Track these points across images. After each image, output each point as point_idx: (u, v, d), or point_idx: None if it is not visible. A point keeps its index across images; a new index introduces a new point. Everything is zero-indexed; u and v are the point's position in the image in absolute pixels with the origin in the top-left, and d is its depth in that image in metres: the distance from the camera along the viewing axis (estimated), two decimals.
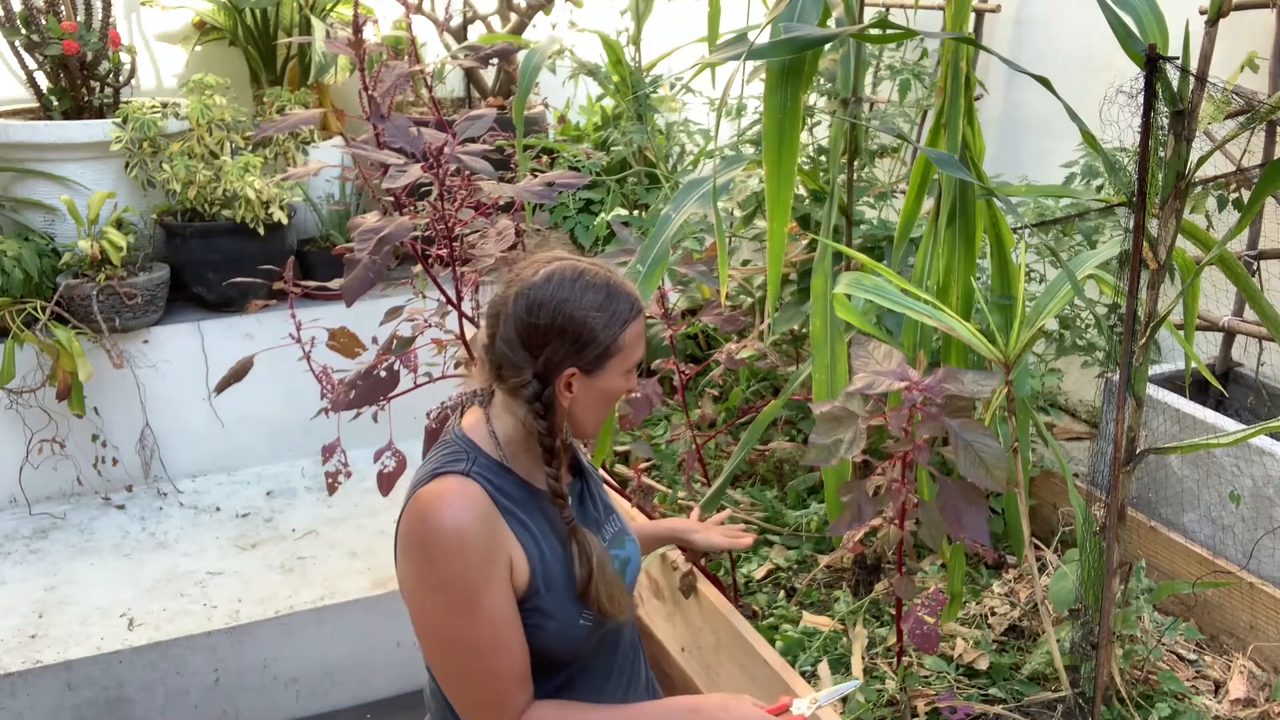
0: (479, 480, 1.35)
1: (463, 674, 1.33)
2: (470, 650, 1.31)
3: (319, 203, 3.88)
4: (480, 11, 4.16)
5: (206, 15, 3.93)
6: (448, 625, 1.31)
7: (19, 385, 3.29)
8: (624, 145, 3.58)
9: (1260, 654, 2.16)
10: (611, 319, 1.36)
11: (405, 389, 2.15)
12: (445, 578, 1.30)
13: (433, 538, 1.30)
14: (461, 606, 1.30)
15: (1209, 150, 1.63)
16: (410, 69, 2.12)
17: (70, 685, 2.66)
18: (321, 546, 3.17)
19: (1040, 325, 1.81)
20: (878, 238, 2.81)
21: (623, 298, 1.38)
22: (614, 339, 1.36)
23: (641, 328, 1.41)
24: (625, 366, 1.39)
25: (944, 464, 2.31)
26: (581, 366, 1.36)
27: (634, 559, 1.54)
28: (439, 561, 1.30)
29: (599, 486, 1.57)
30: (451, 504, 1.32)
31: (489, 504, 1.34)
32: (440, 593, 1.31)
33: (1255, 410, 2.47)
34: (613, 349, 1.37)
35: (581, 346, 1.35)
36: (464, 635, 1.31)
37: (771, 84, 1.93)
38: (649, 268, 2.15)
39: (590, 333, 1.35)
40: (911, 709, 1.99)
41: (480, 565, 1.30)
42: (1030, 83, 1.83)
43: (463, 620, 1.30)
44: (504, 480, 1.38)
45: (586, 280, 1.36)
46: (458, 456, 1.38)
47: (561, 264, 1.38)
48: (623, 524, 1.56)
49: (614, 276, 1.40)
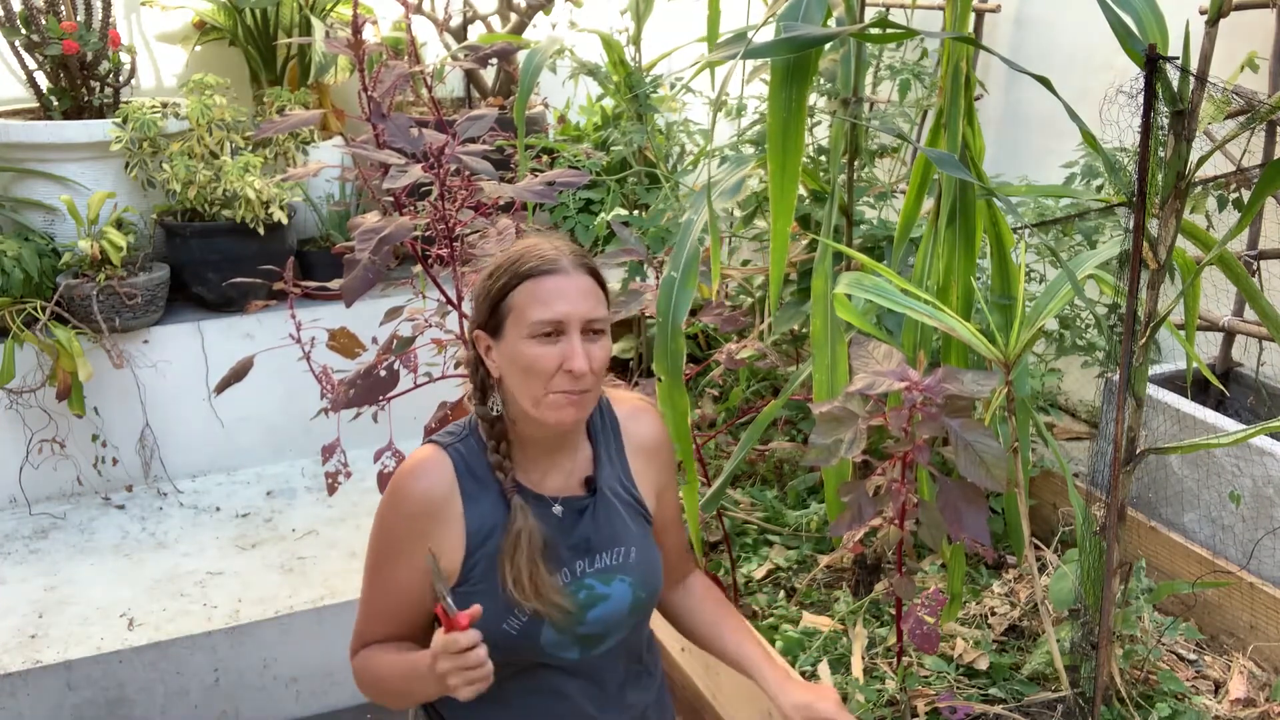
0: (454, 456, 1.40)
1: (361, 601, 1.47)
2: (368, 582, 1.45)
3: (319, 203, 3.88)
4: (480, 11, 4.16)
5: (206, 15, 3.93)
6: (368, 559, 1.45)
7: (19, 385, 3.29)
8: (624, 145, 3.58)
9: (1260, 654, 2.16)
10: (499, 275, 1.36)
11: (405, 389, 2.15)
12: (382, 525, 1.43)
13: (390, 492, 1.42)
14: (377, 551, 1.43)
15: (1209, 150, 1.63)
16: (410, 69, 2.12)
17: (70, 685, 2.66)
18: (321, 546, 3.17)
19: (1040, 325, 1.81)
20: (878, 238, 2.81)
21: (531, 257, 1.35)
22: (501, 295, 1.35)
23: (546, 291, 1.33)
24: (523, 329, 1.33)
25: (944, 464, 2.31)
26: (483, 328, 1.38)
27: (615, 599, 1.43)
28: (386, 511, 1.42)
29: (617, 516, 1.46)
30: (418, 471, 1.40)
31: (451, 482, 1.39)
32: (374, 533, 1.44)
33: (1255, 410, 2.47)
34: (502, 309, 1.35)
35: (478, 306, 1.39)
36: (369, 570, 1.45)
37: (776, 83, 1.92)
38: (683, 273, 2.14)
39: (483, 290, 1.38)
40: (911, 709, 1.99)
41: (407, 535, 1.39)
42: (1030, 83, 1.83)
43: (372, 559, 1.44)
44: (481, 464, 1.41)
45: (509, 248, 1.40)
46: (454, 431, 1.45)
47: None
48: (628, 564, 1.45)
49: (535, 241, 1.39)
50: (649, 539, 1.50)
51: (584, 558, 1.43)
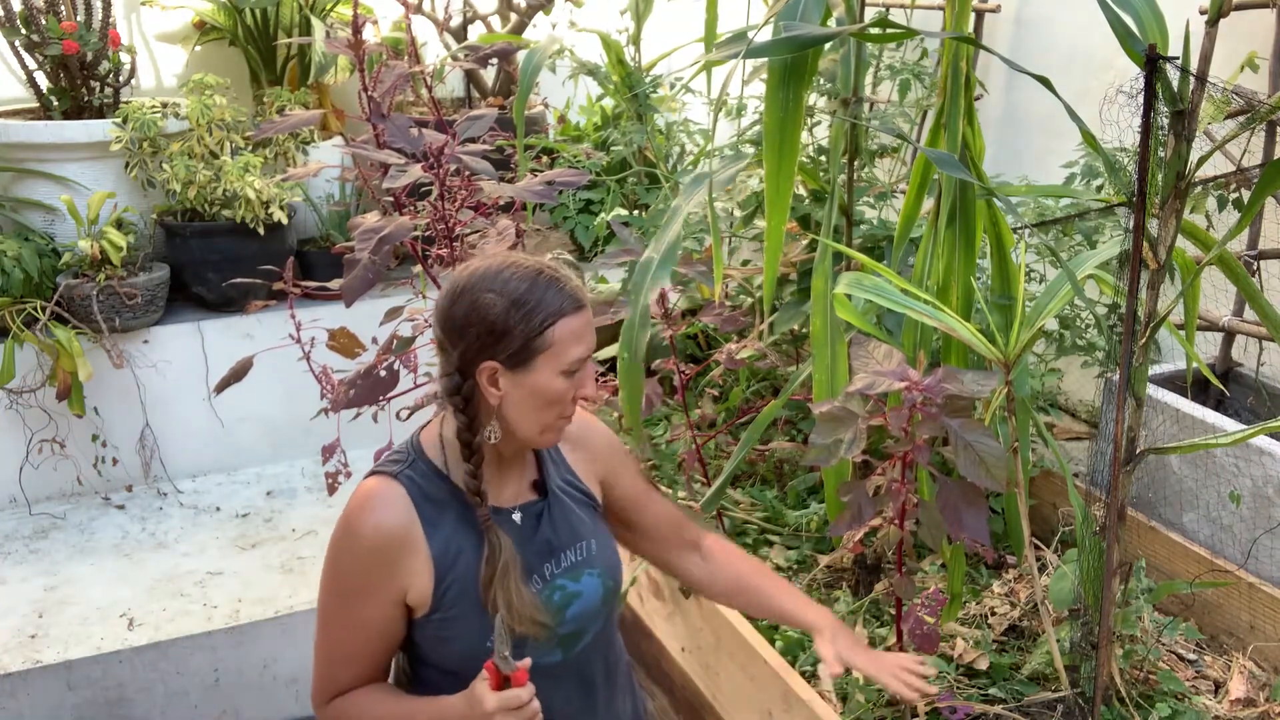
0: (406, 484, 1.36)
1: (318, 646, 1.42)
2: (328, 626, 1.40)
3: (319, 203, 3.88)
4: (480, 11, 4.16)
5: (206, 15, 3.93)
6: (325, 602, 1.39)
7: (19, 385, 3.29)
8: (624, 145, 3.58)
9: (1260, 654, 2.16)
10: (532, 312, 1.29)
11: (405, 389, 2.15)
12: (339, 566, 1.38)
13: (343, 530, 1.36)
14: (338, 593, 1.38)
15: (1209, 150, 1.63)
16: (410, 69, 2.12)
17: (70, 685, 2.66)
18: (321, 546, 3.14)
19: (1040, 325, 1.81)
20: (878, 238, 2.81)
21: (554, 291, 1.30)
22: (536, 334, 1.29)
23: (580, 326, 1.32)
24: (559, 366, 1.30)
25: (944, 464, 2.31)
26: (502, 361, 1.30)
27: (587, 594, 1.44)
28: (341, 551, 1.37)
29: (571, 513, 1.46)
30: (371, 505, 1.35)
31: (408, 511, 1.35)
32: (330, 574, 1.39)
33: (1255, 410, 2.47)
34: (536, 344, 1.29)
35: (497, 339, 1.29)
36: (329, 613, 1.39)
37: (773, 83, 1.93)
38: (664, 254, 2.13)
39: (504, 324, 1.28)
40: (911, 709, 1.99)
41: (371, 570, 1.34)
42: (1030, 83, 1.83)
43: (332, 602, 1.39)
44: (436, 487, 1.36)
45: (513, 271, 1.30)
46: (396, 459, 1.40)
47: (496, 257, 1.33)
48: (591, 556, 1.46)
49: (550, 270, 1.32)
50: (603, 528, 1.51)
51: (549, 560, 1.42)
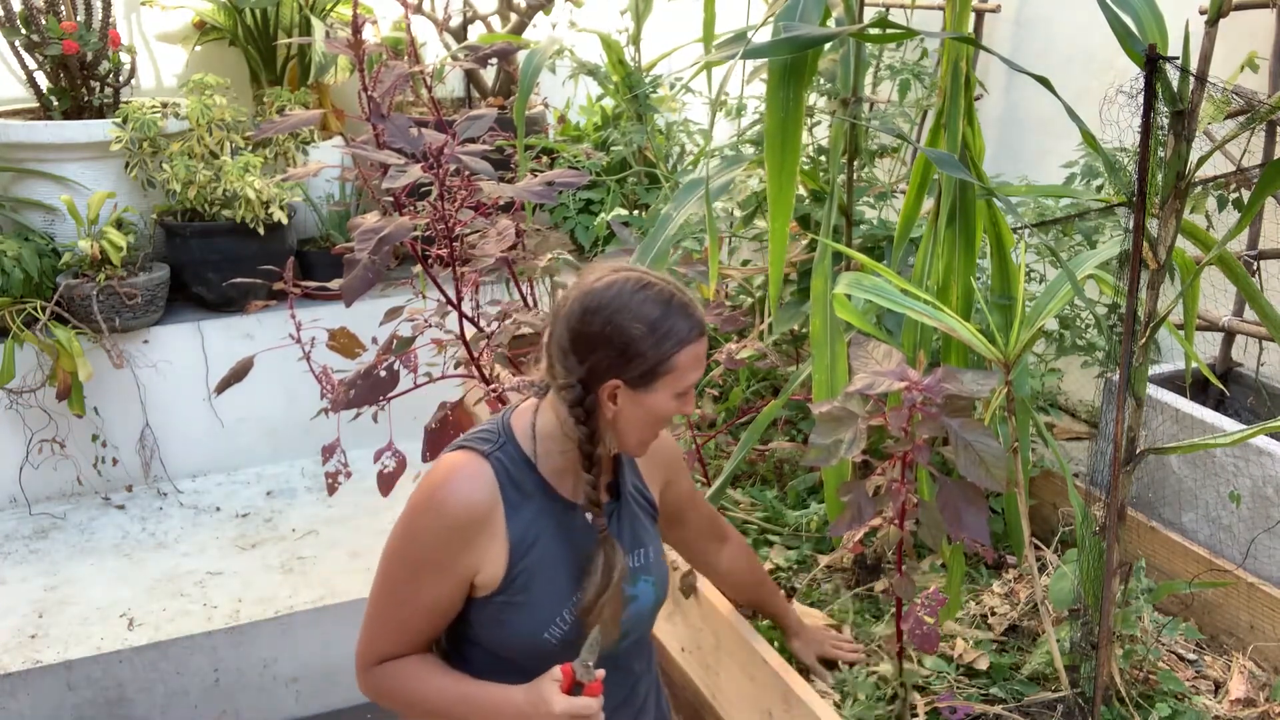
0: (495, 465, 1.37)
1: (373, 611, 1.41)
2: (388, 594, 1.38)
3: (319, 203, 3.88)
4: (480, 11, 4.16)
5: (206, 15, 3.93)
6: (390, 569, 1.39)
7: (19, 385, 3.29)
8: (624, 145, 3.58)
9: (1260, 654, 2.16)
10: (664, 337, 1.32)
11: (405, 389, 2.15)
12: (414, 534, 1.37)
13: (425, 500, 1.36)
14: (407, 561, 1.37)
15: (1209, 150, 1.63)
16: (410, 69, 2.12)
17: (70, 685, 2.66)
18: (321, 546, 3.17)
19: (1040, 325, 1.81)
20: (878, 238, 2.81)
21: (684, 318, 1.34)
22: (665, 358, 1.32)
23: (701, 351, 1.37)
24: (678, 388, 1.35)
25: (944, 464, 2.31)
26: (627, 380, 1.33)
27: (643, 598, 1.48)
28: (420, 521, 1.36)
29: (636, 519, 1.51)
30: (459, 479, 1.36)
31: (494, 492, 1.35)
32: (402, 541, 1.38)
33: (1255, 410, 2.47)
34: (662, 368, 1.33)
35: (628, 360, 1.32)
36: (391, 581, 1.38)
37: (774, 83, 1.92)
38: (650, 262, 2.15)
39: (637, 347, 1.31)
40: (911, 709, 1.99)
41: (446, 546, 1.34)
42: (1030, 83, 1.83)
43: (398, 570, 1.38)
44: (523, 475, 1.38)
45: (648, 294, 1.33)
46: (488, 437, 1.40)
47: (629, 274, 1.35)
48: (649, 564, 1.50)
49: (682, 296, 1.35)
50: (657, 537, 1.55)
51: None
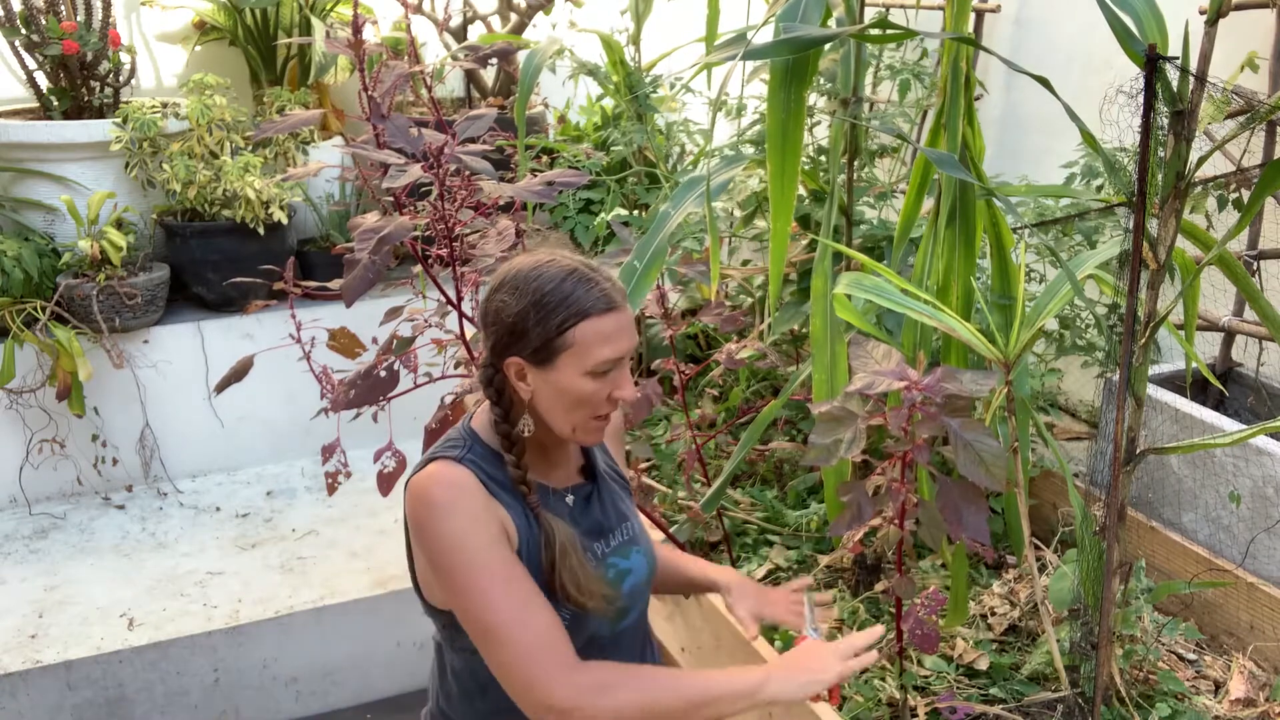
0: (470, 466, 1.36)
1: (498, 632, 1.28)
2: (495, 605, 1.28)
3: (319, 203, 3.88)
4: (480, 11, 4.16)
5: (206, 15, 3.93)
6: (471, 588, 1.28)
7: (19, 385, 3.29)
8: (624, 145, 3.58)
9: (1260, 654, 2.16)
10: (553, 311, 1.29)
11: (405, 389, 2.15)
12: (452, 543, 1.29)
13: (432, 513, 1.31)
14: (474, 565, 1.29)
15: (1209, 150, 1.63)
16: (410, 69, 2.12)
17: (70, 685, 2.66)
18: (321, 546, 3.17)
19: (1040, 325, 1.81)
20: (878, 238, 2.81)
21: (584, 292, 1.30)
22: (557, 333, 1.29)
23: (609, 328, 1.31)
24: (585, 366, 1.31)
25: (944, 464, 2.31)
26: (525, 357, 1.32)
27: (637, 570, 1.49)
28: (443, 530, 1.30)
29: (615, 495, 1.53)
30: (441, 482, 1.33)
31: (479, 485, 1.35)
32: (454, 556, 1.29)
33: (1255, 410, 2.48)
34: (558, 344, 1.30)
35: (518, 335, 1.31)
36: (485, 592, 1.28)
37: (775, 84, 1.93)
38: (646, 264, 2.15)
39: (524, 322, 1.30)
40: (911, 709, 1.99)
41: (478, 526, 1.30)
42: (1030, 83, 1.83)
43: (480, 578, 1.28)
44: (496, 469, 1.39)
45: (544, 269, 1.31)
46: (454, 445, 1.40)
47: (537, 255, 1.34)
48: (635, 535, 1.52)
49: (585, 271, 1.32)
50: (636, 510, 1.59)
51: (599, 540, 1.47)
